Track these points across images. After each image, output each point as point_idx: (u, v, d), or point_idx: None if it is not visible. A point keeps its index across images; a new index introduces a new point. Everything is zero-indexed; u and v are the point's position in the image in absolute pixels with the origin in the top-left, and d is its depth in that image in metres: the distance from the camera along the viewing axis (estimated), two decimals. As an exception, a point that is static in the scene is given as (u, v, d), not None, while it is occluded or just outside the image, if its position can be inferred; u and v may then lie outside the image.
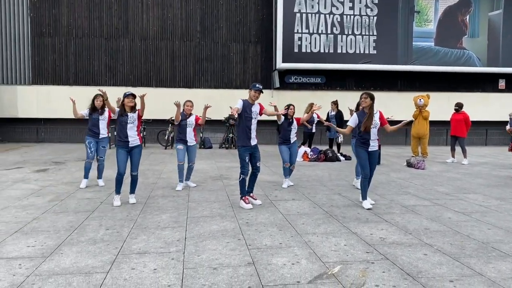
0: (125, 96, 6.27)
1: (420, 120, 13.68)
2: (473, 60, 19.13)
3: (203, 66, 18.14)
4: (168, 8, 17.85)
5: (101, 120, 7.71)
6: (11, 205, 6.20)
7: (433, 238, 4.73)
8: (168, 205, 6.27)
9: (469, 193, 7.56)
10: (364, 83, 18.88)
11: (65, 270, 3.71)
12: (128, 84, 17.69)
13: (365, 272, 3.69)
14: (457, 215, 5.84)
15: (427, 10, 18.66)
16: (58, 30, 17.35)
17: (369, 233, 4.90)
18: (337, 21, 17.98)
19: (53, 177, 8.86)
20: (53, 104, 17.34)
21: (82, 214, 5.71)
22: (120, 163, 6.22)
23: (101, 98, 7.65)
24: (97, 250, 4.23)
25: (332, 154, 12.16)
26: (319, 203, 6.53)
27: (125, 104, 6.25)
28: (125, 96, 6.27)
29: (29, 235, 4.71)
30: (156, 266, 3.80)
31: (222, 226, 5.14)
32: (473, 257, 4.11)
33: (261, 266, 3.82)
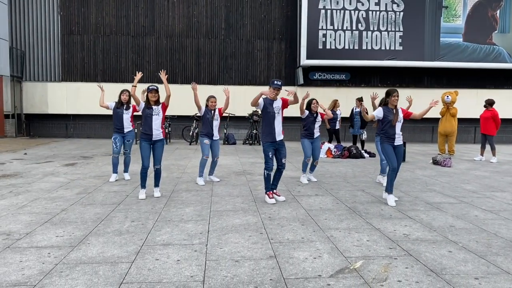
0: (148, 90, 6.39)
1: (447, 117, 13.39)
2: (504, 56, 18.62)
3: (228, 63, 18.25)
4: (193, 6, 18.02)
5: (125, 115, 7.83)
6: (42, 197, 6.41)
7: (458, 236, 4.65)
8: (191, 199, 6.36)
9: (497, 191, 7.38)
10: (389, 79, 18.63)
11: (92, 259, 3.82)
12: (155, 81, 17.90)
13: (387, 267, 3.67)
14: (484, 213, 5.72)
15: (455, 5, 18.25)
16: (86, 28, 17.76)
17: (393, 229, 4.85)
18: (362, 17, 17.78)
19: (81, 170, 9.09)
20: (81, 101, 17.79)
21: (108, 206, 5.86)
22: (144, 157, 6.35)
23: (127, 93, 7.81)
24: (122, 241, 4.34)
25: (356, 150, 12.06)
26: (342, 199, 6.50)
27: (149, 98, 6.37)
28: (148, 91, 6.39)
29: (58, 226, 4.87)
30: (180, 258, 3.87)
31: (245, 220, 5.18)
32: (500, 255, 4.02)
33: (282, 260, 3.84)
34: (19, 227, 4.80)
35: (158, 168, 6.50)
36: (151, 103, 6.38)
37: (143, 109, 6.39)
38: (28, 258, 3.82)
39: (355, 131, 12.95)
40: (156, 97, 6.39)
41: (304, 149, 7.86)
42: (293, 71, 18.35)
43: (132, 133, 7.96)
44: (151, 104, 6.38)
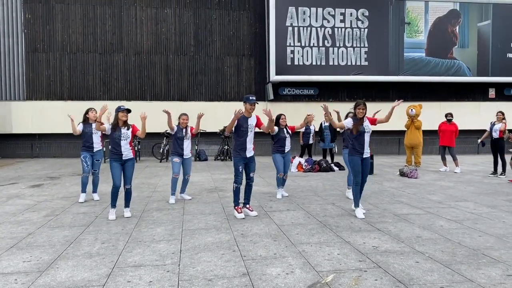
0: (119, 110, 6.30)
1: (412, 130, 13.83)
2: (463, 70, 19.43)
3: (198, 79, 18.29)
4: (162, 23, 18.04)
5: (94, 134, 7.72)
6: (6, 221, 6.22)
7: (425, 246, 4.80)
8: (163, 218, 6.31)
9: (460, 201, 7.66)
10: (356, 94, 19.09)
11: (61, 284, 3.75)
12: (123, 98, 17.78)
13: (357, 280, 3.76)
14: (448, 223, 5.93)
15: (417, 22, 18.98)
16: (52, 45, 17.46)
17: (362, 242, 4.97)
18: (328, 34, 18.23)
19: (48, 192, 8.87)
20: (47, 120, 17.38)
21: (77, 228, 5.74)
22: (115, 176, 6.25)
23: (94, 112, 7.71)
24: (93, 264, 4.27)
25: (326, 164, 12.26)
26: (313, 213, 6.60)
27: (119, 118, 6.29)
28: (119, 110, 6.30)
29: (24, 250, 4.74)
30: (152, 279, 3.84)
31: (217, 238, 5.19)
32: (464, 264, 4.19)
33: (255, 277, 3.87)
34: (-17, 253, 4.65)
35: (129, 188, 6.42)
36: (120, 124, 6.29)
37: (111, 132, 6.28)
38: (-6, 286, 3.71)
39: (326, 145, 13.18)
40: (126, 117, 6.32)
41: (276, 164, 7.94)
42: (263, 87, 18.56)
43: (101, 152, 7.86)
44: (120, 125, 6.28)
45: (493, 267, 4.09)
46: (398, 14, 18.76)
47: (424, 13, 19.06)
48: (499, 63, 19.64)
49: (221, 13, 18.37)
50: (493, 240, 5.03)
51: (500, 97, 20.29)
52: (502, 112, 11.58)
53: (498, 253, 4.54)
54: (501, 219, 6.16)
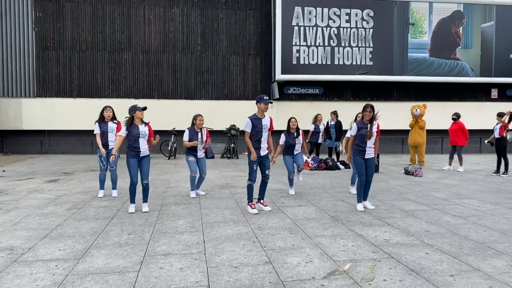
0: (137, 109, 6.50)
1: (416, 129, 14.11)
2: (467, 70, 19.71)
3: (204, 78, 18.58)
4: (170, 22, 18.33)
5: (110, 133, 7.86)
6: (33, 213, 6.53)
7: (433, 239, 5.11)
8: (182, 212, 6.62)
9: (465, 198, 7.96)
10: (360, 93, 19.38)
11: (99, 270, 4.05)
12: (131, 96, 18.08)
13: (373, 268, 4.06)
14: (454, 219, 6.23)
15: (421, 22, 19.25)
16: (62, 43, 17.76)
17: (374, 235, 5.27)
18: (334, 34, 18.51)
19: (65, 187, 9.18)
20: (57, 116, 17.70)
21: (102, 221, 6.05)
22: (133, 173, 6.51)
23: (110, 109, 7.87)
24: (124, 253, 4.57)
25: (332, 162, 12.56)
26: (324, 208, 6.90)
27: (136, 116, 6.51)
28: (137, 109, 6.51)
29: (57, 240, 5.05)
30: (182, 266, 4.15)
31: (236, 230, 5.50)
32: (471, 255, 4.49)
33: (278, 265, 4.18)
34: (19, 242, 4.96)
35: (147, 183, 6.68)
36: (137, 122, 6.52)
37: (129, 131, 6.46)
38: (38, 271, 4.01)
39: (331, 143, 13.47)
40: (143, 115, 6.55)
41: (287, 166, 8.19)
42: (268, 86, 18.85)
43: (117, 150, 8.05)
44: (137, 123, 6.52)
45: (498, 258, 4.39)
46: (402, 14, 19.03)
47: (428, 14, 19.33)
48: (502, 64, 19.92)
49: (227, 13, 18.65)
50: (497, 235, 5.34)
51: (502, 98, 20.57)
52: (502, 113, 11.85)
53: (503, 246, 4.84)
54: (504, 216, 6.46)
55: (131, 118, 6.53)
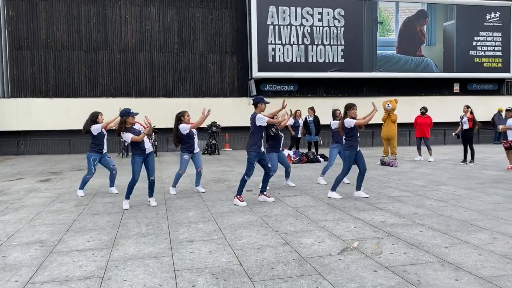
0: (131, 115, 6.68)
1: (388, 123, 14.92)
2: (431, 66, 20.87)
3: (182, 76, 18.85)
4: (146, 21, 18.46)
5: (105, 135, 8.07)
6: (43, 210, 6.77)
7: (423, 220, 5.77)
8: (187, 205, 7.02)
9: (441, 185, 8.74)
10: (333, 90, 20.17)
11: (135, 256, 4.44)
12: (109, 95, 18.12)
13: (379, 244, 4.65)
14: (436, 202, 6.94)
15: (389, 21, 20.22)
16: (36, 43, 17.57)
17: (370, 218, 5.88)
18: (307, 32, 19.18)
19: (61, 185, 9.35)
20: (33, 117, 17.51)
21: (114, 215, 6.38)
22: (136, 171, 6.72)
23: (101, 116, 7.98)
24: (151, 241, 4.96)
25: (313, 156, 13.20)
26: (318, 197, 7.48)
27: (129, 122, 6.68)
28: (131, 115, 6.69)
29: (81, 233, 5.36)
30: (210, 250, 4.60)
31: (246, 219, 5.97)
32: (458, 231, 5.16)
33: (295, 245, 4.69)
34: (45, 236, 5.25)
35: (153, 179, 7.01)
36: (129, 125, 6.70)
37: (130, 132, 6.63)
38: (78, 259, 4.36)
39: (311, 137, 14.11)
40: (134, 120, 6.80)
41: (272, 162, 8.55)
42: (245, 83, 19.32)
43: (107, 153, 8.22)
44: (133, 125, 6.77)
45: (481, 233, 5.08)
46: (371, 14, 19.93)
47: (395, 13, 20.32)
48: (463, 60, 21.20)
49: (204, 12, 18.96)
50: (476, 214, 6.06)
51: (464, 92, 21.88)
52: (468, 105, 12.85)
53: (483, 223, 5.55)
54: (479, 198, 7.23)
55: (124, 122, 6.68)
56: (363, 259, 4.19)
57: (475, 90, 22.04)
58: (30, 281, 3.79)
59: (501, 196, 7.38)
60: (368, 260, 4.17)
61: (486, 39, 21.50)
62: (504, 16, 21.54)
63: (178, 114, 7.92)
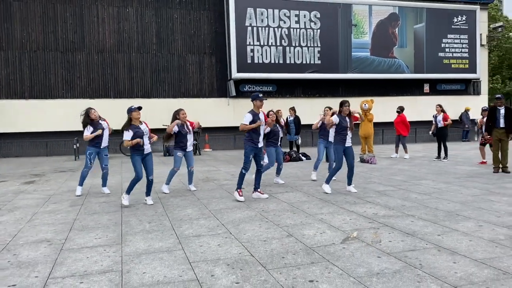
0: (132, 110, 6.88)
1: (365, 122, 15.42)
2: (403, 68, 21.62)
3: (161, 77, 18.84)
4: (124, 21, 18.36)
5: (104, 130, 8.17)
6: (39, 211, 6.77)
7: (412, 211, 6.14)
8: (183, 203, 7.17)
9: (421, 179, 9.20)
10: (310, 90, 20.60)
11: (146, 250, 4.59)
12: (86, 96, 17.92)
13: (376, 234, 4.96)
14: (420, 195, 7.35)
15: (363, 24, 20.83)
16: (11, 44, 17.19)
17: (363, 211, 6.20)
18: (285, 34, 19.54)
19: (48, 187, 9.29)
20: (8, 119, 17.12)
21: (113, 214, 6.46)
22: (138, 169, 6.92)
23: (95, 110, 8.07)
24: (157, 237, 5.11)
25: (295, 154, 13.53)
26: (309, 193, 7.77)
27: (133, 117, 6.89)
28: (133, 110, 6.90)
29: (86, 231, 5.45)
30: (218, 243, 4.79)
31: (245, 214, 6.19)
32: (446, 221, 5.54)
33: (298, 236, 4.95)
34: (50, 235, 5.31)
35: (152, 179, 7.13)
36: (136, 123, 6.90)
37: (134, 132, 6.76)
38: (91, 255, 4.47)
39: (291, 137, 14.43)
40: (140, 115, 6.97)
41: (270, 157, 8.89)
42: (224, 84, 19.48)
43: (107, 148, 8.32)
44: (136, 123, 6.92)
45: (467, 222, 5.48)
46: (346, 16, 20.48)
47: (368, 16, 20.95)
48: (432, 61, 22.07)
49: (182, 13, 19.03)
50: (459, 206, 6.48)
51: (433, 92, 22.76)
52: (440, 104, 13.50)
53: (467, 213, 5.97)
54: (459, 192, 7.69)
55: (129, 120, 6.88)
56: (365, 247, 4.48)
57: (443, 90, 22.96)
58: (50, 276, 3.89)
59: (478, 189, 7.87)
60: (370, 248, 4.47)
61: (453, 41, 22.45)
62: (470, 20, 22.55)
63: (174, 112, 8.15)
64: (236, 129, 8.95)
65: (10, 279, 3.83)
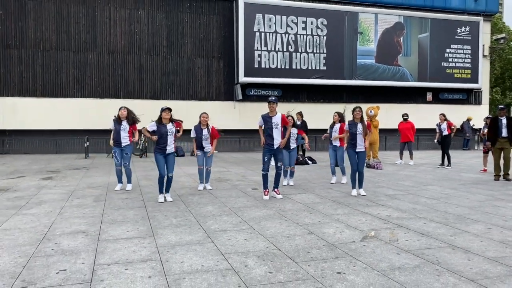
0: (162, 110, 7.39)
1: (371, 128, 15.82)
2: (406, 76, 22.02)
3: (170, 79, 19.18)
4: (135, 24, 18.71)
5: (121, 130, 8.57)
6: (65, 205, 7.07)
7: (423, 214, 6.47)
8: (203, 201, 7.49)
9: (428, 185, 9.54)
10: (315, 96, 20.97)
11: (178, 243, 4.90)
12: (96, 96, 18.24)
13: (393, 233, 5.29)
14: (429, 200, 7.69)
15: (368, 32, 21.23)
16: (25, 42, 17.52)
17: (376, 213, 6.53)
18: (292, 40, 19.92)
19: (67, 183, 9.60)
20: (19, 116, 17.43)
21: (137, 209, 6.77)
22: (160, 166, 7.32)
23: (125, 109, 8.58)
24: (186, 231, 5.42)
25: (302, 158, 13.86)
26: (322, 195, 8.10)
27: (162, 117, 7.37)
28: (162, 111, 7.38)
29: (116, 225, 5.76)
30: (245, 237, 5.11)
31: (264, 213, 6.51)
32: (457, 223, 5.87)
33: (319, 234, 5.27)
34: (84, 227, 5.61)
35: (171, 176, 7.50)
36: (164, 121, 7.36)
37: (158, 128, 7.33)
38: (128, 246, 4.78)
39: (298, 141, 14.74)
40: (169, 115, 7.38)
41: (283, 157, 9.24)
42: (231, 87, 19.83)
43: (130, 147, 8.69)
44: (164, 122, 7.35)
45: (477, 225, 5.81)
46: (352, 24, 20.88)
47: (374, 24, 21.36)
48: (435, 70, 22.48)
49: (192, 17, 19.39)
50: (467, 210, 6.82)
51: (436, 100, 23.15)
52: (443, 113, 13.88)
53: (475, 216, 6.30)
54: (465, 197, 8.03)
55: (159, 117, 7.33)
56: (384, 245, 4.81)
57: (446, 99, 23.36)
58: (96, 263, 4.20)
59: (483, 195, 8.21)
60: (388, 245, 4.80)
61: (457, 52, 22.87)
62: (473, 31, 22.98)
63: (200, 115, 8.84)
64: (241, 132, 9.33)
65: (59, 265, 4.14)
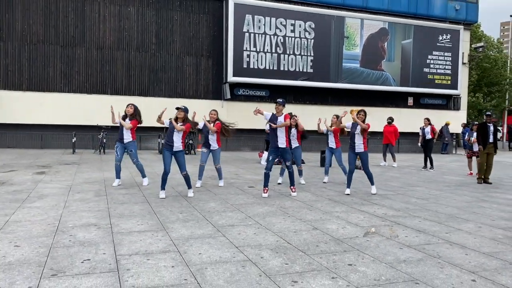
0: (176, 109, 7.55)
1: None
2: (389, 80, 22.63)
3: (158, 76, 19.21)
4: (125, 20, 18.67)
5: (123, 127, 8.66)
6: (68, 199, 7.15)
7: (416, 213, 6.83)
8: (204, 197, 7.67)
9: (415, 186, 9.95)
10: (301, 97, 21.32)
11: (191, 236, 5.09)
12: (84, 91, 18.13)
13: (392, 230, 5.61)
14: (419, 200, 8.07)
15: (354, 36, 21.72)
16: (11, 35, 17.28)
17: (373, 211, 6.85)
18: (280, 42, 20.23)
19: (63, 178, 9.62)
20: (4, 110, 17.16)
21: (142, 204, 6.91)
22: (166, 162, 7.44)
23: (131, 106, 8.67)
24: (195, 225, 5.61)
25: (291, 158, 14.16)
26: (318, 194, 8.39)
27: (177, 115, 7.52)
28: (176, 109, 7.54)
29: (126, 218, 5.90)
30: (254, 232, 5.33)
31: (266, 209, 6.74)
32: (449, 222, 6.24)
33: (323, 230, 5.54)
34: (94, 220, 5.74)
35: (185, 174, 7.62)
36: (179, 121, 7.51)
37: (169, 124, 7.50)
38: (143, 238, 4.94)
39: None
40: (181, 115, 7.52)
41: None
42: (220, 86, 20.00)
43: (133, 144, 8.75)
44: (178, 121, 7.50)
45: (467, 223, 6.19)
46: (339, 28, 21.33)
47: (360, 29, 21.87)
48: (417, 75, 23.17)
49: (182, 15, 19.47)
50: (456, 210, 7.22)
51: (416, 105, 23.85)
52: (428, 118, 14.42)
53: (465, 216, 6.70)
54: (452, 198, 8.46)
55: (175, 117, 7.51)
56: (386, 240, 5.12)
57: (426, 104, 24.08)
58: (117, 253, 4.36)
59: (469, 197, 8.66)
60: (390, 241, 5.11)
61: (438, 58, 23.62)
62: (454, 38, 23.78)
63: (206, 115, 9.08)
64: (228, 132, 9.52)
65: (82, 255, 4.28)
